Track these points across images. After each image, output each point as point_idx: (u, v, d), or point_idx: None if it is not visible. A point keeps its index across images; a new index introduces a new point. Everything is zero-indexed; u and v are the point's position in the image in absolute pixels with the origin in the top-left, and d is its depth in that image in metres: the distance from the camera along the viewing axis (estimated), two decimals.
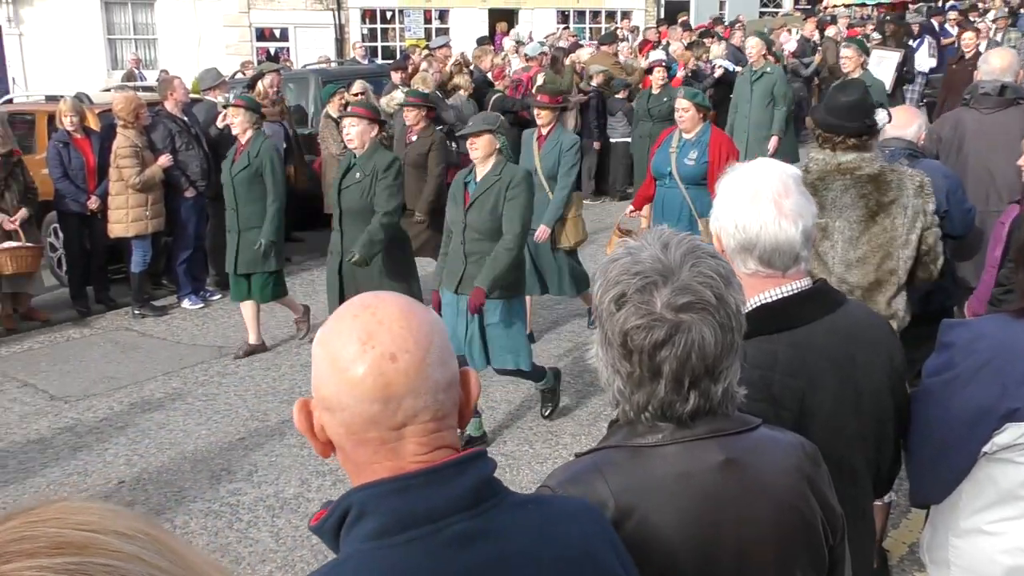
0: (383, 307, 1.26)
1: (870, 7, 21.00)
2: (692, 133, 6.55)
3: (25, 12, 21.16)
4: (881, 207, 3.55)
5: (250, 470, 5.39)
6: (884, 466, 2.18)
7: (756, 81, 10.04)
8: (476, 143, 5.31)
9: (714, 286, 1.48)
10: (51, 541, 0.76)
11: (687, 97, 6.61)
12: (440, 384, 1.25)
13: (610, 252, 7.09)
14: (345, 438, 1.26)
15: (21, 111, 10.78)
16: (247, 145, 7.10)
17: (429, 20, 25.83)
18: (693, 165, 6.47)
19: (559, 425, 5.87)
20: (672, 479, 1.51)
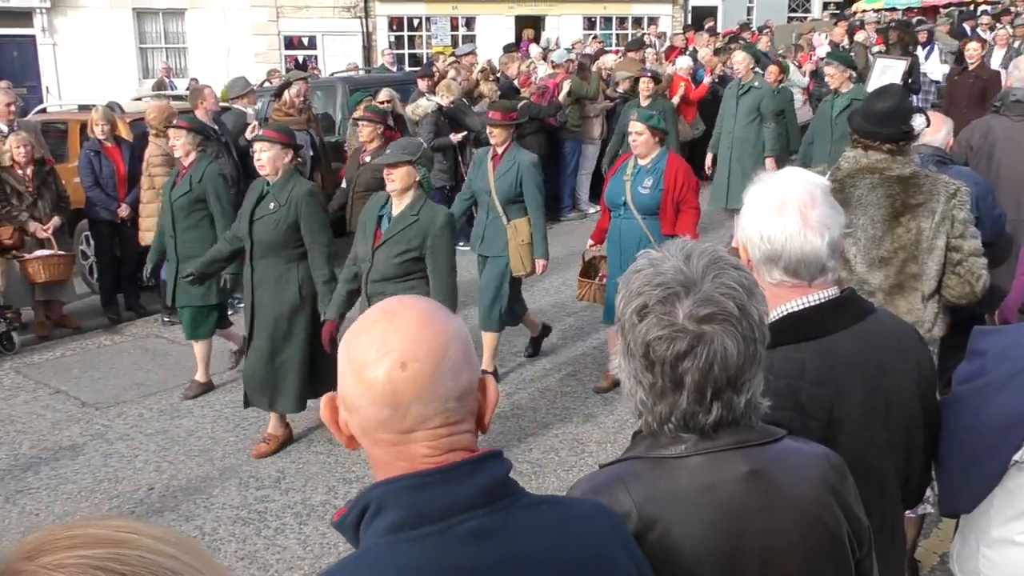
0: (402, 314, 1.29)
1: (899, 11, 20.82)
2: (647, 159, 6.06)
3: (59, 22, 21.46)
4: (907, 208, 3.51)
5: (277, 477, 5.43)
6: (914, 476, 2.15)
7: (742, 96, 9.55)
8: (393, 175, 4.88)
9: (736, 297, 1.47)
10: (91, 537, 0.81)
11: (641, 119, 6.06)
12: (452, 393, 1.27)
13: (580, 292, 6.42)
14: (361, 437, 1.31)
15: (54, 120, 10.93)
16: (190, 168, 6.59)
17: (456, 27, 25.91)
18: (648, 194, 6.00)
19: (585, 433, 5.86)
20: (696, 490, 1.50)
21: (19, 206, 8.03)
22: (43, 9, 21.21)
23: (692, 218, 6.04)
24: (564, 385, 6.67)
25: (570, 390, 6.57)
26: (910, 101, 3.99)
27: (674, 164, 6.09)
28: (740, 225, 2.05)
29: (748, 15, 27.20)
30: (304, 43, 24.45)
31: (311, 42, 24.44)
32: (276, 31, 23.80)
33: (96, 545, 0.80)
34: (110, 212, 8.42)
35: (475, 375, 1.32)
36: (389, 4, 24.88)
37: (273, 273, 5.50)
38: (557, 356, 7.25)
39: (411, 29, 25.57)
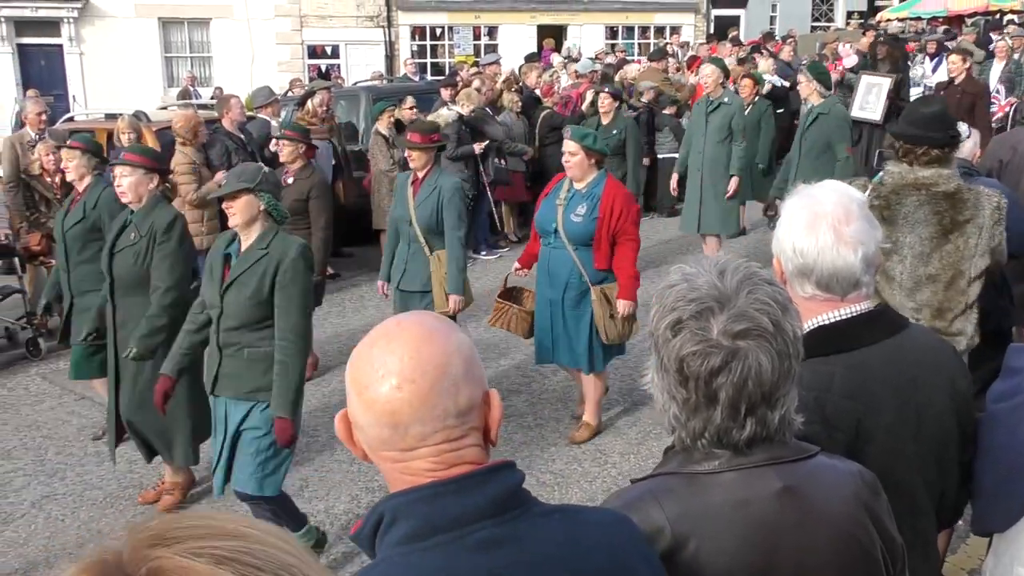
0: (400, 336, 1.31)
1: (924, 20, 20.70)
2: (583, 183, 5.51)
3: (86, 32, 21.72)
4: (956, 225, 3.49)
5: (300, 485, 5.44)
6: (950, 493, 2.13)
7: (711, 113, 8.78)
8: (233, 207, 4.12)
9: (771, 313, 1.47)
10: (215, 529, 0.83)
11: (575, 138, 5.48)
12: (450, 411, 1.28)
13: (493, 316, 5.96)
14: (370, 452, 1.34)
15: (81, 129, 11.04)
16: (84, 194, 5.84)
17: (478, 36, 26.02)
18: (581, 222, 5.45)
19: (608, 444, 5.85)
20: (729, 507, 1.50)
21: (47, 213, 8.12)
22: (70, 19, 21.49)
23: (631, 252, 5.51)
24: None
25: None
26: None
27: (612, 190, 5.50)
28: (775, 237, 2.05)
29: (771, 24, 27.16)
30: (327, 52, 24.63)
31: (334, 51, 24.62)
32: (300, 40, 23.99)
33: (223, 537, 0.81)
34: None
35: (478, 390, 1.32)
36: (412, 13, 25.02)
37: (138, 312, 4.86)
38: None
39: (433, 38, 25.70)
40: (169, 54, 22.93)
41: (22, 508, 5.31)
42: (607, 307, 5.50)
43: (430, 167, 5.89)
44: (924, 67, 14.64)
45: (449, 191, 5.77)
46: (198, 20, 22.95)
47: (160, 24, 22.49)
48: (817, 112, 7.85)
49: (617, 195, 5.48)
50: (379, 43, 24.71)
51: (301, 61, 23.86)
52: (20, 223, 8.21)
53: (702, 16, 27.92)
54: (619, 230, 5.45)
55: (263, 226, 4.17)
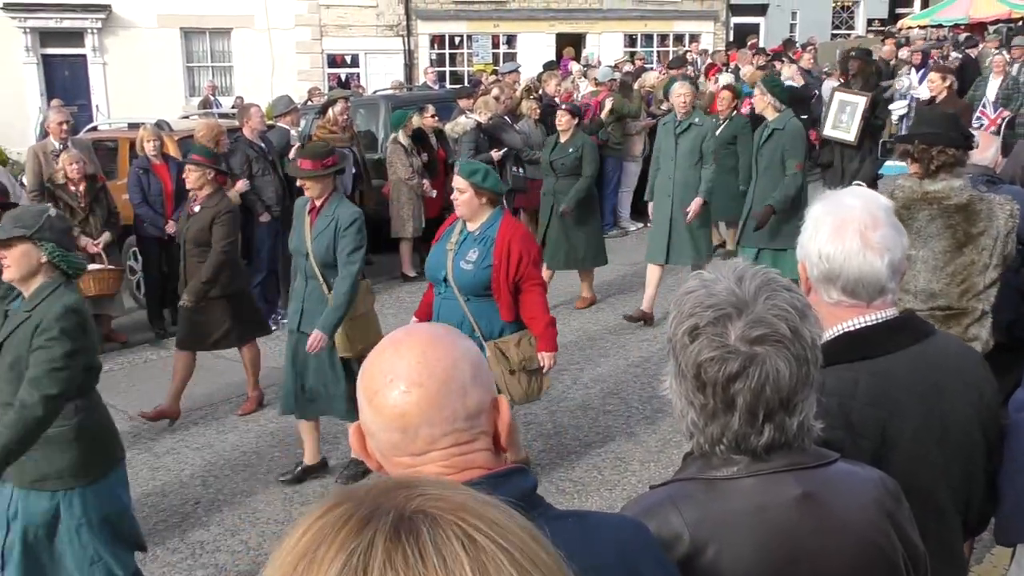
0: (408, 342, 1.34)
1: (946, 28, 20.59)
2: (475, 224, 4.84)
3: (109, 42, 21.92)
4: (969, 238, 3.47)
5: (321, 492, 5.46)
6: (975, 503, 2.11)
7: (681, 135, 8.13)
8: (6, 258, 3.49)
9: (789, 319, 1.47)
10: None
11: (462, 174, 4.79)
12: (459, 413, 1.30)
13: None
14: (383, 460, 1.35)
15: (104, 138, 11.15)
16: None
17: (497, 45, 26.07)
18: (471, 270, 4.79)
19: (627, 451, 5.84)
20: (748, 512, 1.49)
21: (71, 221, 8.18)
22: (94, 29, 21.70)
23: (539, 297, 4.91)
24: (606, 404, 6.64)
25: (612, 408, 6.55)
26: None
27: (508, 232, 4.80)
28: (800, 243, 2.04)
29: (791, 32, 27.07)
30: (347, 61, 24.74)
31: (354, 60, 24.73)
32: (320, 49, 24.11)
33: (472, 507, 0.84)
34: (158, 228, 8.57)
35: (487, 395, 1.34)
36: (431, 22, 25.11)
37: None
38: (599, 374, 7.23)
39: (452, 47, 25.78)
40: (191, 63, 23.10)
41: None
42: (505, 363, 4.81)
43: (328, 195, 5.31)
44: (910, 78, 13.91)
45: (346, 221, 5.19)
46: (219, 30, 23.12)
47: (182, 34, 22.67)
48: (772, 128, 7.39)
49: (514, 237, 4.79)
50: (398, 52, 24.80)
51: (321, 70, 23.98)
52: None
53: (721, 24, 27.86)
54: (521, 276, 4.79)
55: (43, 280, 3.54)
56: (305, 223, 5.35)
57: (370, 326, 5.49)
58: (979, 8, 19.58)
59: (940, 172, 3.58)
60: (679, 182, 8.10)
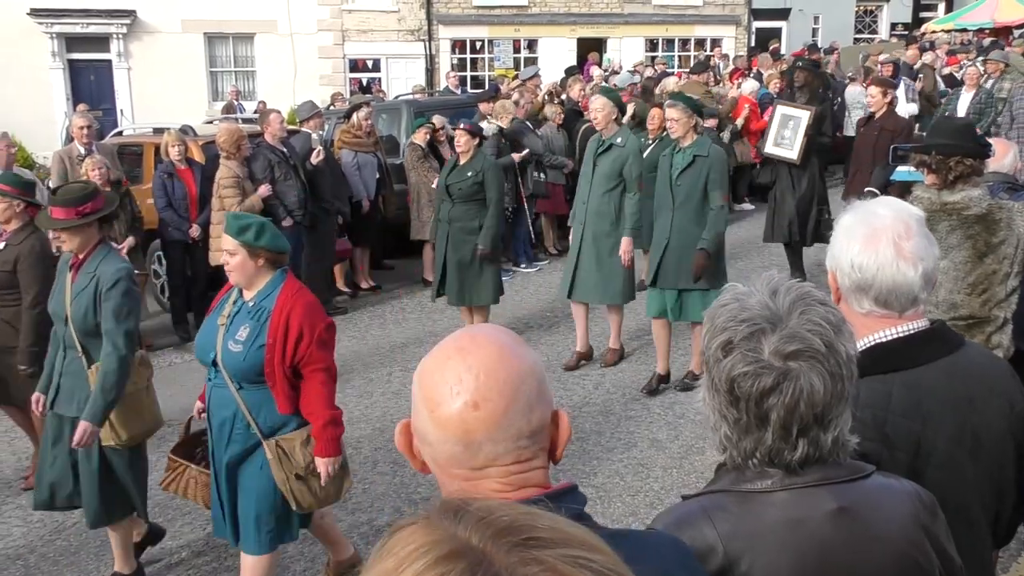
0: (476, 352, 1.29)
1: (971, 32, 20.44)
2: (251, 293, 3.90)
3: (134, 47, 22.13)
4: (990, 248, 3.45)
5: (344, 497, 5.46)
6: (1005, 514, 2.10)
7: (600, 155, 7.11)
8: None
9: (823, 334, 1.46)
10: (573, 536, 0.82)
11: (231, 231, 3.78)
12: (523, 431, 1.27)
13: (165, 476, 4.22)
14: (434, 468, 1.32)
15: (129, 143, 11.24)
16: None
17: (518, 50, 26.11)
18: (240, 351, 3.81)
19: (650, 458, 5.82)
20: (782, 526, 1.48)
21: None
22: (119, 35, 21.91)
23: (322, 387, 3.88)
24: (628, 410, 6.63)
25: (634, 414, 6.53)
26: None
27: (288, 302, 3.82)
28: (831, 253, 2.03)
29: (813, 36, 26.96)
30: (368, 66, 24.85)
31: (375, 65, 24.84)
32: (342, 54, 24.24)
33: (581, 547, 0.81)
34: (182, 233, 8.63)
35: (548, 410, 1.32)
36: (452, 27, 25.18)
37: None
38: (620, 380, 7.22)
39: (473, 52, 25.83)
40: (214, 68, 23.28)
41: (73, 517, 5.35)
42: (289, 466, 3.87)
43: (92, 247, 4.33)
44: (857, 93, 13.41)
45: (109, 280, 4.22)
46: (243, 35, 23.28)
47: (206, 39, 22.85)
48: (692, 153, 6.43)
49: (294, 308, 3.80)
50: (420, 56, 24.89)
51: (343, 75, 24.10)
52: None
53: (743, 28, 27.77)
54: (301, 358, 3.82)
55: None
56: (66, 280, 4.37)
57: (143, 408, 4.51)
58: (1004, 12, 19.43)
59: (958, 182, 3.56)
60: (592, 210, 7.12)
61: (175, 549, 4.99)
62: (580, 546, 0.79)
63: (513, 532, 0.80)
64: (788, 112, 9.06)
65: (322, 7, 23.72)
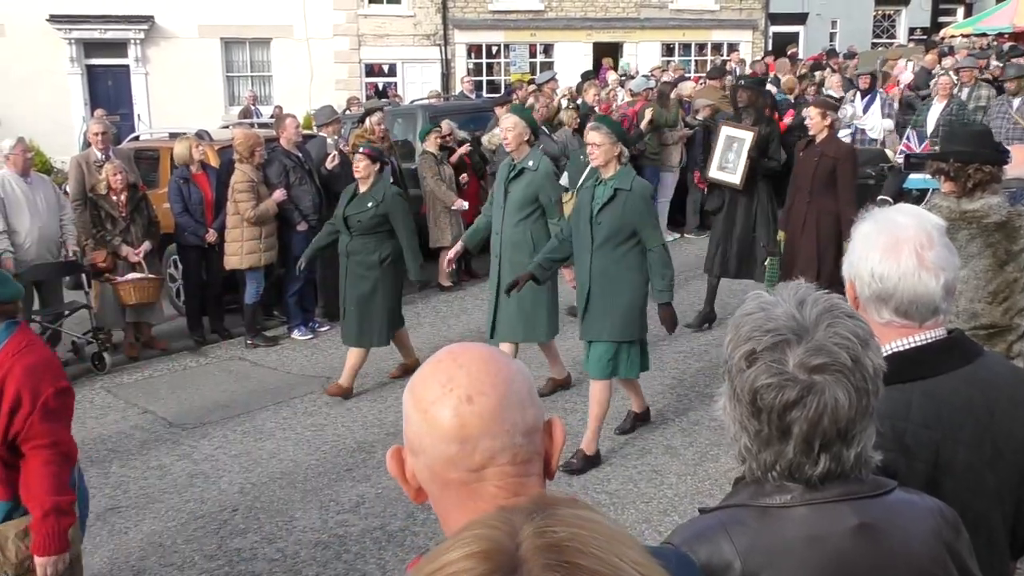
0: (466, 353, 1.30)
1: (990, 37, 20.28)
2: None
3: (152, 52, 22.25)
4: (1011, 256, 3.42)
5: (357, 502, 5.47)
6: (1021, 528, 2.06)
7: (512, 180, 6.41)
8: None
9: (851, 348, 1.43)
10: (620, 536, 0.84)
11: None
12: (519, 427, 1.26)
13: None
14: (431, 482, 1.29)
15: (146, 148, 11.30)
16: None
17: (534, 54, 26.10)
18: None
19: (664, 464, 5.78)
20: (802, 542, 1.45)
21: (113, 231, 8.31)
22: (137, 40, 22.03)
23: (46, 472, 3.21)
24: None
25: (649, 420, 6.49)
26: None
27: (6, 362, 3.18)
28: (848, 261, 2.00)
29: (831, 41, 26.84)
30: (384, 70, 24.90)
31: (391, 69, 24.88)
32: (358, 59, 24.30)
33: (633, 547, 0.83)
34: (198, 237, 8.66)
35: (541, 414, 1.31)
36: (468, 32, 25.21)
37: None
38: None
39: (489, 56, 25.84)
40: (231, 73, 23.37)
41: (87, 520, 5.40)
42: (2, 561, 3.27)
43: None
44: (854, 106, 12.53)
45: None
46: (259, 40, 23.37)
47: (222, 44, 22.95)
48: (614, 187, 5.47)
49: (12, 370, 3.16)
50: (435, 61, 24.92)
51: (359, 79, 24.16)
52: (86, 241, 8.41)
53: (760, 33, 27.67)
54: (19, 432, 3.18)
55: None
56: None
57: None
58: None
59: (976, 190, 3.53)
60: (506, 241, 6.43)
61: (188, 553, 4.99)
62: (623, 544, 0.80)
63: (560, 552, 0.79)
64: (732, 133, 8.45)
65: (338, 12, 23.79)
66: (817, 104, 7.92)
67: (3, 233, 7.65)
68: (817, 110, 7.60)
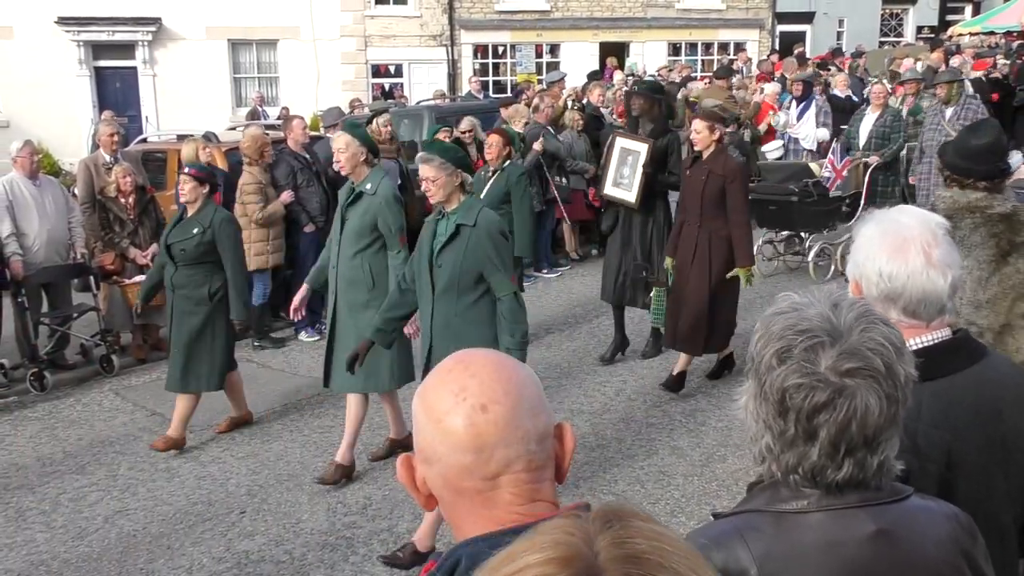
0: (476, 361, 1.29)
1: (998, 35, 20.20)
2: None
3: (159, 54, 22.33)
4: (1014, 247, 3.40)
5: (364, 504, 5.47)
6: None
7: (350, 206, 5.62)
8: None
9: (885, 354, 1.42)
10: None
11: None
12: (532, 434, 1.25)
13: None
14: (443, 489, 1.28)
15: (154, 149, 11.33)
16: None
17: (540, 54, 26.11)
18: None
19: (671, 466, 5.78)
20: (819, 549, 1.44)
21: (121, 233, 8.33)
22: (145, 42, 22.12)
23: None
24: (649, 416, 6.59)
25: (656, 421, 6.49)
26: (1005, 138, 3.83)
27: None
28: (854, 261, 2.00)
29: (838, 40, 26.78)
30: (391, 71, 24.93)
31: (397, 70, 24.92)
32: (364, 60, 24.34)
33: None
34: None
35: (551, 419, 1.31)
36: (474, 32, 25.23)
37: None
38: (642, 386, 7.18)
39: (496, 56, 25.86)
40: (238, 75, 23.43)
41: (95, 523, 5.43)
42: None
43: None
44: (788, 114, 11.83)
45: None
46: (266, 41, 23.43)
47: (230, 45, 23.01)
48: (457, 222, 4.51)
49: None
50: (442, 61, 24.95)
51: (365, 80, 24.20)
52: (95, 243, 8.43)
53: (767, 32, 27.63)
54: None
55: None
56: None
57: None
58: None
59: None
60: (343, 276, 5.57)
61: (196, 555, 5.00)
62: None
63: (640, 564, 0.80)
64: (627, 145, 7.39)
65: (345, 13, 23.83)
66: (704, 116, 6.93)
67: (11, 236, 7.68)
68: (704, 123, 6.66)
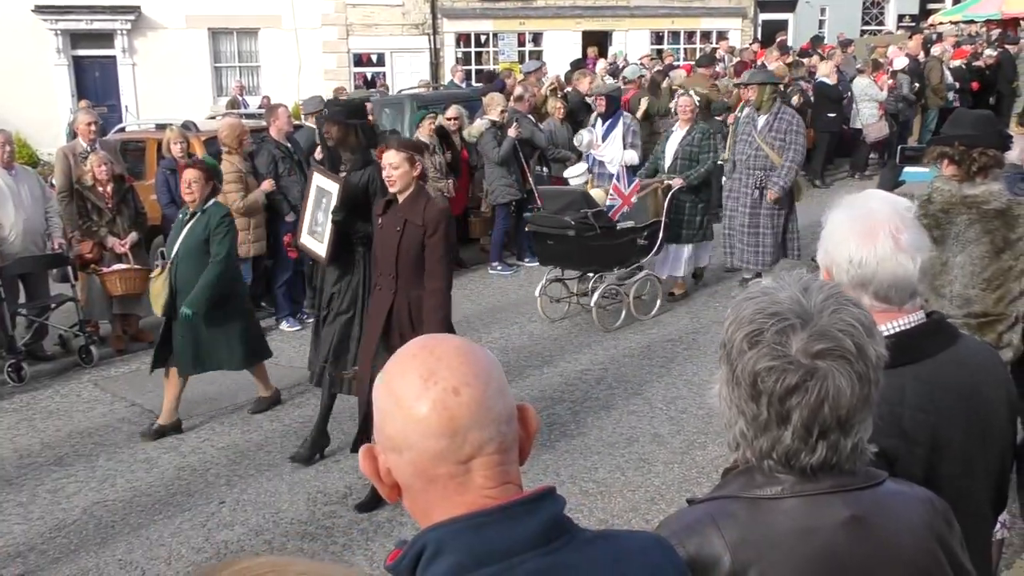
0: (440, 345, 1.27)
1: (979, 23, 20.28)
2: None
3: (139, 43, 22.12)
4: (1008, 244, 3.42)
5: (345, 493, 5.45)
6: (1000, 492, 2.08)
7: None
8: None
9: (855, 335, 1.41)
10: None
11: None
12: (502, 415, 1.25)
13: None
14: (414, 477, 1.25)
15: (132, 139, 11.23)
16: None
17: (523, 43, 26.05)
18: None
19: (652, 453, 5.79)
20: (793, 535, 1.43)
21: (99, 222, 8.26)
22: (124, 31, 21.91)
23: None
24: (630, 404, 6.60)
25: (636, 409, 6.50)
26: None
27: None
28: (824, 249, 2.00)
29: (820, 28, 26.84)
30: (373, 60, 24.82)
31: (380, 59, 24.81)
32: (346, 49, 24.22)
33: None
34: None
35: (513, 400, 1.30)
36: (457, 21, 25.14)
37: None
38: (623, 375, 7.18)
39: (478, 45, 25.80)
40: (218, 64, 23.26)
41: (74, 514, 5.39)
42: None
43: None
44: (593, 132, 10.05)
45: None
46: (247, 30, 23.26)
47: (210, 34, 22.83)
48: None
49: None
50: (424, 51, 24.86)
51: (347, 69, 24.08)
52: (72, 232, 8.36)
53: (749, 21, 27.67)
54: None
55: None
56: None
57: None
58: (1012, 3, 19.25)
59: (979, 174, 3.53)
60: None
61: (174, 546, 4.97)
62: None
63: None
64: (322, 184, 5.99)
65: (326, 1, 23.70)
66: (400, 147, 5.16)
67: None
68: (400, 155, 5.05)
